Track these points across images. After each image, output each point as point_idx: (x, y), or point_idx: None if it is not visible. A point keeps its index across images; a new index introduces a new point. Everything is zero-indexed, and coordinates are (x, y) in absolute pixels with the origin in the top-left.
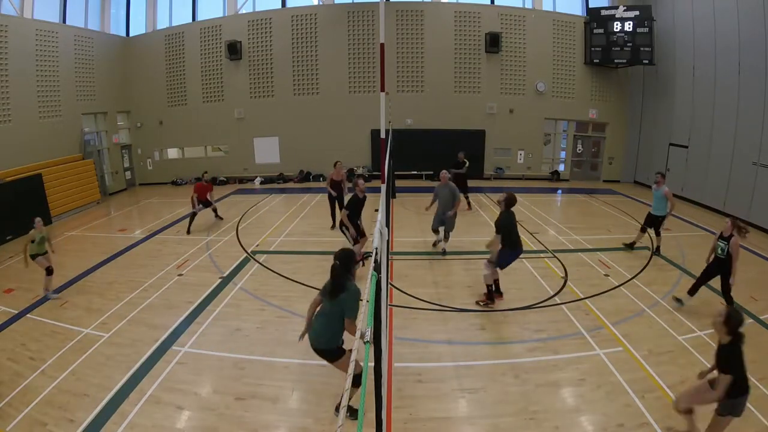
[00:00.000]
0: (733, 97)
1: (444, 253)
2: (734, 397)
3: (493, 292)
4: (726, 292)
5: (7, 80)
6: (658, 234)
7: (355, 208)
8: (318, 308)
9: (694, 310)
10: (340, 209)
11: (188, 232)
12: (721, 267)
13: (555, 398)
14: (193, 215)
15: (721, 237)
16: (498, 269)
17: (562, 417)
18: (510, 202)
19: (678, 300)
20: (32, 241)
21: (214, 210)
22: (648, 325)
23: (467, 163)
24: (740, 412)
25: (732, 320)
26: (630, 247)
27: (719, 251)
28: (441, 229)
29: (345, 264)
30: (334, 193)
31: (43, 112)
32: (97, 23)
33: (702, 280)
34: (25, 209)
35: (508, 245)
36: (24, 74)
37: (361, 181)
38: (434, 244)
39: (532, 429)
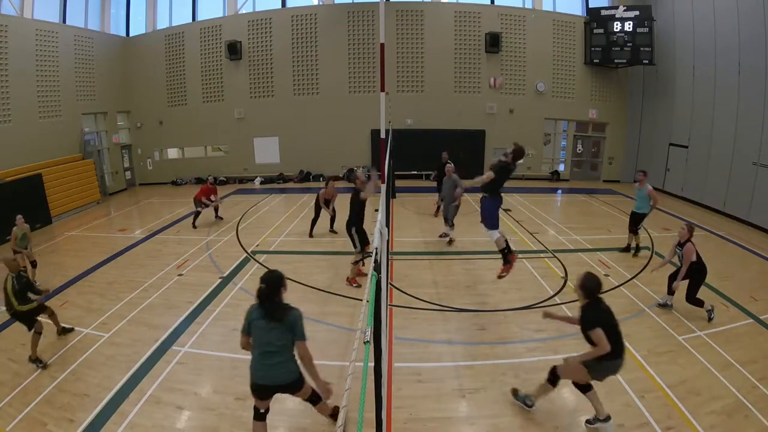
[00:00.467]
0: (733, 97)
1: (450, 242)
2: (602, 359)
3: (508, 255)
4: (690, 296)
5: (7, 80)
6: (635, 232)
7: (360, 209)
8: (251, 347)
9: (694, 310)
10: (331, 225)
11: (194, 226)
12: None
13: (555, 398)
14: (197, 213)
15: (678, 244)
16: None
17: (562, 417)
18: (518, 154)
19: (663, 305)
20: (15, 238)
21: (215, 209)
22: (648, 325)
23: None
24: (601, 377)
25: (586, 284)
26: (627, 250)
27: (678, 258)
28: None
29: (274, 287)
30: (331, 214)
31: (43, 112)
32: (97, 23)
33: (672, 280)
34: (25, 209)
35: (490, 191)
36: (24, 74)
37: (360, 174)
38: (444, 235)
39: (532, 429)
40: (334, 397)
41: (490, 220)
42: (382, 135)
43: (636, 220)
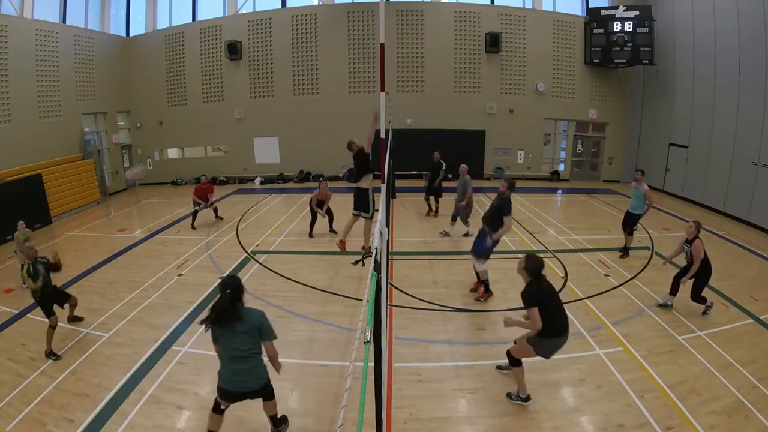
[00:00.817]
0: (733, 97)
1: (467, 235)
2: (542, 336)
3: (486, 291)
4: (695, 294)
5: (7, 80)
6: (630, 233)
7: (363, 166)
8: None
9: (694, 310)
10: (330, 225)
11: (193, 227)
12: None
13: (555, 398)
14: (195, 213)
15: (686, 241)
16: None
17: (562, 417)
18: (513, 186)
19: (663, 305)
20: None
21: (215, 210)
22: (648, 325)
23: (444, 165)
24: (545, 354)
25: (528, 265)
26: (626, 253)
27: (686, 255)
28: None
29: (236, 292)
30: (323, 216)
31: (43, 112)
32: (97, 23)
33: (677, 279)
34: (25, 209)
35: (495, 226)
36: (24, 74)
37: (356, 140)
38: (445, 234)
39: (532, 429)
40: (334, 397)
41: (486, 254)
42: (383, 135)
43: (630, 221)
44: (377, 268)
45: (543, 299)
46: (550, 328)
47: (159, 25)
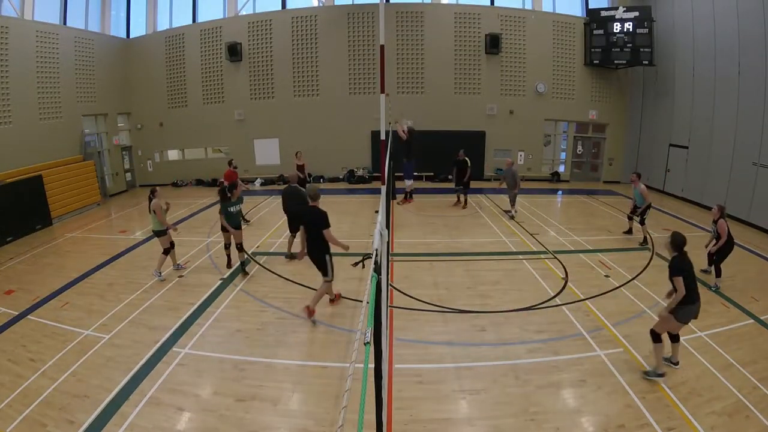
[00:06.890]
0: (733, 97)
1: (512, 217)
2: (683, 303)
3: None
4: (717, 262)
5: (8, 81)
6: (642, 222)
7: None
8: None
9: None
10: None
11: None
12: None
13: (556, 399)
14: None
15: (713, 221)
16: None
17: (563, 418)
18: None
19: (716, 289)
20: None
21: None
22: (648, 326)
23: (468, 162)
24: (684, 319)
25: (676, 240)
26: (645, 241)
27: (713, 234)
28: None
29: None
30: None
31: (44, 113)
32: (97, 25)
33: (711, 256)
34: (25, 211)
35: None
36: (24, 76)
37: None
38: (506, 212)
39: (533, 430)
40: (334, 399)
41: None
42: (382, 136)
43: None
44: (377, 269)
45: (686, 270)
46: (690, 295)
47: (159, 27)
